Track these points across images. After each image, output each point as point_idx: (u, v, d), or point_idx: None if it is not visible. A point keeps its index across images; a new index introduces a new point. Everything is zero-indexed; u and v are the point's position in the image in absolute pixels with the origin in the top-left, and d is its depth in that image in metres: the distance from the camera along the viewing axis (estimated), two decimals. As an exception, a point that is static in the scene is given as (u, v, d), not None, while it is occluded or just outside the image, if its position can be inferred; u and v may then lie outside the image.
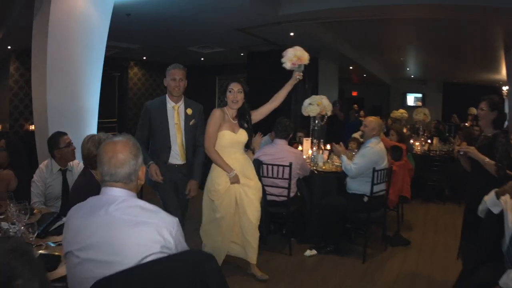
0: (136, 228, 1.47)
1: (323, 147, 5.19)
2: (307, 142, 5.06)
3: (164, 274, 1.42)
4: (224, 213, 3.50)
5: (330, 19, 6.80)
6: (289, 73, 3.56)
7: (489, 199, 2.69)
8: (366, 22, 7.01)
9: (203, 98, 5.98)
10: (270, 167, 4.05)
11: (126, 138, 1.62)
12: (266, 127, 4.71)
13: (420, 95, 16.43)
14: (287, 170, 3.97)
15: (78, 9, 4.16)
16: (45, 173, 3.19)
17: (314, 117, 4.96)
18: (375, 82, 15.82)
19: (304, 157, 4.64)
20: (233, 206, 3.54)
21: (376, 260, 4.08)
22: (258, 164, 3.99)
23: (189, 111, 3.46)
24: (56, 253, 1.88)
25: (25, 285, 0.84)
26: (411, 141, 7.23)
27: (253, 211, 3.56)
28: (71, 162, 3.33)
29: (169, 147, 3.38)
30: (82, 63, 4.30)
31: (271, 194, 4.12)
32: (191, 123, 3.47)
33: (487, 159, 2.99)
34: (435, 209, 6.18)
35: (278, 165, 4.01)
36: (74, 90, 4.29)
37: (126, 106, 11.98)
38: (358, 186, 4.05)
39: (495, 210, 2.64)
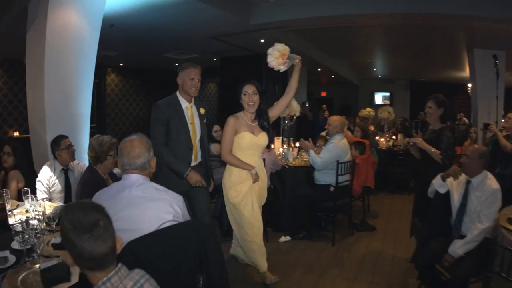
0: (154, 203, 1.92)
1: (292, 145, 5.64)
2: (278, 140, 5.50)
3: (176, 237, 1.88)
4: (251, 211, 3.46)
5: (300, 27, 7.25)
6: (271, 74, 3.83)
7: (437, 182, 3.19)
8: (334, 29, 7.46)
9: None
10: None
11: (139, 137, 2.06)
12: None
13: (388, 94, 16.97)
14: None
15: (72, 22, 4.39)
16: (50, 172, 3.48)
17: (284, 118, 5.41)
18: (343, 82, 16.33)
19: (276, 154, 5.07)
20: (256, 205, 3.52)
21: (344, 244, 4.52)
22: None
23: (202, 110, 3.41)
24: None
25: (105, 225, 1.34)
26: (377, 137, 7.75)
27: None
28: (71, 162, 3.62)
29: (191, 149, 3.28)
30: (76, 72, 4.55)
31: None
32: (204, 122, 3.45)
33: (433, 149, 3.46)
34: (400, 199, 6.58)
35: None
36: (69, 97, 4.54)
37: (104, 112, 12.18)
38: (324, 177, 4.49)
39: (442, 191, 3.15)
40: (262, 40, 8.08)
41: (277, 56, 3.40)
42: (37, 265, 1.90)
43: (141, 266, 1.50)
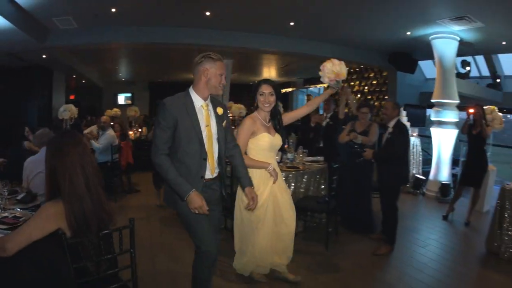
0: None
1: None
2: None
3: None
4: (263, 218, 3.41)
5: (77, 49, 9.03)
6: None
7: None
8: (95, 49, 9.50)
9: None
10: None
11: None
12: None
13: (129, 95, 18.61)
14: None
15: None
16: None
17: (66, 120, 7.26)
18: (90, 86, 17.08)
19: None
20: (271, 211, 3.45)
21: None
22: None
23: (220, 110, 2.77)
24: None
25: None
26: (130, 132, 9.94)
27: (289, 217, 3.55)
28: None
29: (205, 158, 2.64)
30: None
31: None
32: (223, 125, 2.80)
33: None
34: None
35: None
36: None
37: None
38: (103, 157, 6.68)
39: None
40: (44, 56, 9.35)
41: (333, 72, 3.53)
42: None
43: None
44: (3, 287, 1.91)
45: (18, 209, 2.96)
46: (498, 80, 11.24)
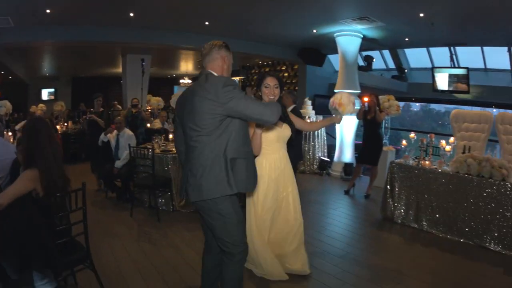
0: None
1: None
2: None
3: None
4: (265, 206, 3.44)
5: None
6: None
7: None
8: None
9: None
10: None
11: None
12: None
13: (53, 90, 18.48)
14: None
15: None
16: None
17: (1, 115, 7.51)
18: (15, 82, 16.84)
19: None
20: (273, 201, 3.50)
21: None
22: None
23: None
24: None
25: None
26: (57, 126, 10.16)
27: (297, 209, 3.62)
28: None
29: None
30: None
31: None
32: None
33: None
34: (76, 168, 9.03)
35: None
36: None
37: None
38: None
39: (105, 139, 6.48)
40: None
41: (339, 100, 3.82)
42: None
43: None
44: None
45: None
46: (403, 71, 12.66)
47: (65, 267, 2.94)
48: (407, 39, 9.50)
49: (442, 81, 11.57)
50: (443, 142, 5.52)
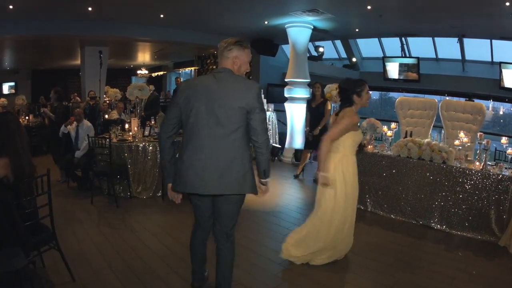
0: None
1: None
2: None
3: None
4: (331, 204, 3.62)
5: None
6: None
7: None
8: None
9: None
10: None
11: None
12: None
13: (13, 83, 18.35)
14: None
15: None
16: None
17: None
18: None
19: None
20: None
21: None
22: None
23: None
24: None
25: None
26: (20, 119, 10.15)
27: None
28: None
29: None
30: None
31: None
32: None
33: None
34: (38, 160, 8.42)
35: None
36: None
37: None
38: None
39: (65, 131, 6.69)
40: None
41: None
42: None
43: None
44: None
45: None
46: (354, 60, 13.14)
47: (34, 247, 3.21)
48: (357, 30, 9.90)
49: (392, 70, 12.19)
50: (385, 127, 5.82)
